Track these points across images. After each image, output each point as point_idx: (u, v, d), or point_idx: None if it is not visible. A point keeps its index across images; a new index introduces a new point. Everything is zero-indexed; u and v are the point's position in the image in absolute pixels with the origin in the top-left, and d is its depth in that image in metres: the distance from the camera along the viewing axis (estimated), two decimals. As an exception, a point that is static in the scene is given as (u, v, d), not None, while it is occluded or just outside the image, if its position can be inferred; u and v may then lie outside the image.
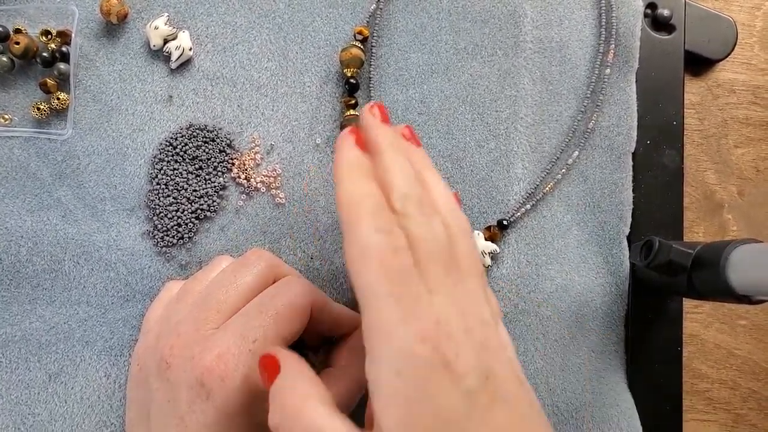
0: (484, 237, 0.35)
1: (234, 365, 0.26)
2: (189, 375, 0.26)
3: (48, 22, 0.36)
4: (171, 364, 0.27)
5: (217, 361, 0.26)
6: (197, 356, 0.26)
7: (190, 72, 0.36)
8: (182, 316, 0.28)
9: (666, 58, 0.38)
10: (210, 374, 0.25)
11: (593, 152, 0.37)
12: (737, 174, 0.41)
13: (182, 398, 0.26)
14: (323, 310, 0.29)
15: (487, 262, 0.35)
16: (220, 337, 0.26)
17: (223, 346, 0.26)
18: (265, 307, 0.27)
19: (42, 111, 0.35)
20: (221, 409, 0.25)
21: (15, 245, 0.34)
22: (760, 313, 0.40)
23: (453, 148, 0.37)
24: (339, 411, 0.22)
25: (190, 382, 0.26)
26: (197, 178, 0.35)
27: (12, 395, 0.33)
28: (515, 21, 0.38)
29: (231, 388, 0.25)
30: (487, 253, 0.35)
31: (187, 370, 0.26)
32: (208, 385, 0.25)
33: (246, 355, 0.26)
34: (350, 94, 0.36)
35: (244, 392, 0.25)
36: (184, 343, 0.27)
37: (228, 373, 0.25)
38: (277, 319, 0.27)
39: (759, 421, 0.39)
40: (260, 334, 0.26)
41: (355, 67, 0.35)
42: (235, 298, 0.28)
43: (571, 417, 0.34)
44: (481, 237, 0.35)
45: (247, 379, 0.26)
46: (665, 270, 0.31)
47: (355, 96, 0.36)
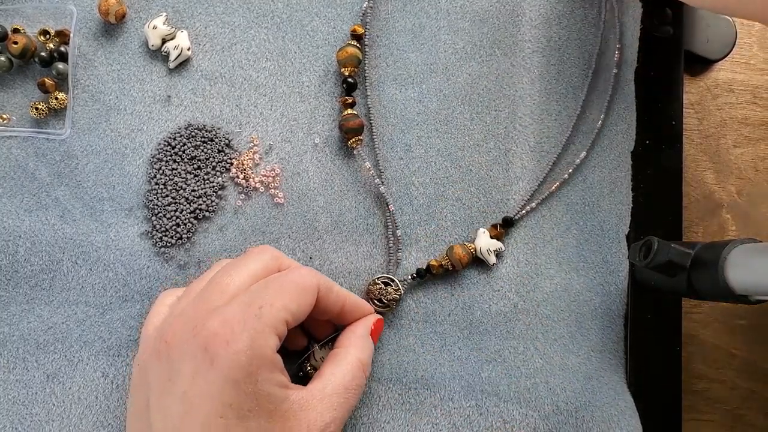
0: (489, 235, 0.35)
1: (240, 328, 0.25)
2: (191, 345, 0.25)
3: (46, 21, 0.36)
4: (171, 343, 0.26)
5: (222, 326, 0.25)
6: (200, 325, 0.25)
7: (188, 72, 0.36)
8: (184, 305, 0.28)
9: (665, 58, 0.38)
10: (214, 338, 0.25)
11: (592, 152, 0.37)
12: (736, 174, 0.41)
13: (184, 371, 0.25)
14: (330, 294, 0.29)
15: (492, 261, 0.35)
16: (226, 307, 0.26)
17: (228, 313, 0.25)
18: (271, 283, 0.27)
19: (40, 111, 0.35)
20: (227, 374, 0.24)
21: (13, 245, 0.34)
22: (759, 313, 0.40)
23: (452, 148, 0.37)
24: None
25: (192, 353, 0.25)
26: (196, 178, 0.35)
27: (10, 395, 0.33)
28: (514, 21, 0.38)
29: (236, 350, 0.24)
30: (493, 251, 0.35)
31: (189, 341, 0.25)
32: (212, 350, 0.24)
33: (252, 319, 0.25)
34: (348, 94, 0.36)
35: (249, 356, 0.25)
36: (184, 320, 0.26)
37: (234, 335, 0.25)
38: (282, 292, 0.27)
39: (758, 420, 0.39)
40: (266, 302, 0.26)
41: (352, 66, 0.35)
42: (239, 281, 0.28)
43: (571, 416, 0.34)
44: (487, 235, 0.35)
45: (253, 343, 0.25)
46: (664, 270, 0.31)
47: (353, 95, 0.36)
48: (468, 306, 0.35)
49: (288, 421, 0.26)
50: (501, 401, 0.34)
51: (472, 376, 0.34)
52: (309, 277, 0.28)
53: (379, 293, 0.34)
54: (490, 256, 0.35)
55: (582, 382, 0.35)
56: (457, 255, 0.34)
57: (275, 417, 0.25)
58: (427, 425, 0.33)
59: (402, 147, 0.36)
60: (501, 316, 0.35)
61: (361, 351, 0.30)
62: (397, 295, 0.34)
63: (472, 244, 0.35)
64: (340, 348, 0.30)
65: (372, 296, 0.34)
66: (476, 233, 0.35)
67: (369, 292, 0.34)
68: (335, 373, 0.28)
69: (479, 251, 0.35)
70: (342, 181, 0.36)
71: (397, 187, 0.36)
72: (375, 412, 0.34)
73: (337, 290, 0.30)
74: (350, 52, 0.35)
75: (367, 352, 0.30)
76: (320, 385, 0.28)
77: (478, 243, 0.35)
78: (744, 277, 0.27)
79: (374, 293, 0.34)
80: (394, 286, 0.34)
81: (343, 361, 0.29)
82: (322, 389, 0.27)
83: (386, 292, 0.34)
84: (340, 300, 0.30)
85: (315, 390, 0.27)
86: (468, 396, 0.34)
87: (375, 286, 0.34)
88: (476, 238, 0.35)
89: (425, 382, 0.34)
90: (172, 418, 0.25)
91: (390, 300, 0.34)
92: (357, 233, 0.35)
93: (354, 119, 0.35)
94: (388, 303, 0.34)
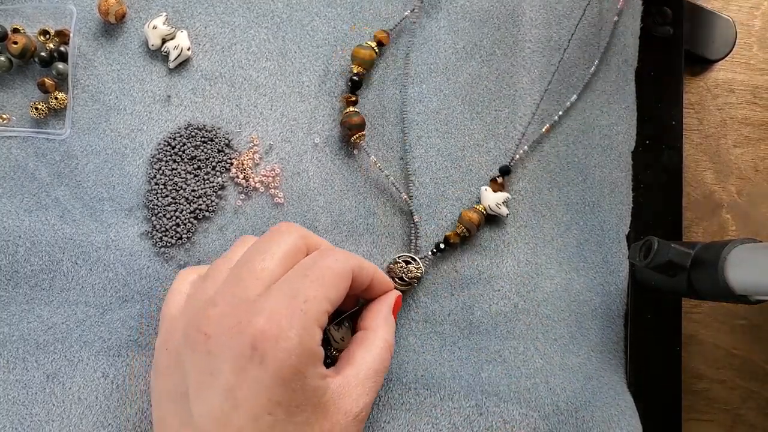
0: (492, 190, 0.35)
1: (288, 325, 0.24)
2: (236, 342, 0.24)
3: (46, 21, 0.36)
4: (210, 334, 0.25)
5: (269, 323, 0.24)
6: (244, 321, 0.25)
7: (188, 72, 0.36)
8: (215, 291, 0.27)
9: (665, 58, 0.38)
10: (263, 336, 0.24)
11: (592, 151, 0.37)
12: (736, 174, 0.41)
13: (228, 368, 0.24)
14: (361, 272, 0.29)
15: (505, 212, 0.35)
16: (268, 299, 0.25)
17: (274, 308, 0.25)
18: (310, 271, 0.27)
19: (40, 111, 0.35)
20: (277, 373, 0.24)
21: (13, 245, 0.34)
22: (759, 312, 0.40)
23: (452, 148, 0.37)
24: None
25: (238, 350, 0.24)
26: (196, 178, 0.35)
27: (10, 395, 0.33)
28: (514, 21, 0.38)
29: (286, 348, 0.24)
30: (502, 203, 0.35)
31: (234, 337, 0.25)
32: (261, 348, 0.24)
33: (299, 314, 0.25)
34: (352, 92, 0.36)
35: (299, 354, 0.24)
36: (223, 311, 0.26)
37: (282, 333, 0.24)
38: (323, 282, 0.26)
39: (758, 421, 0.39)
40: (310, 294, 0.26)
41: (363, 68, 0.36)
42: (273, 266, 0.27)
43: (571, 416, 0.34)
44: (490, 191, 0.35)
45: (302, 340, 0.25)
46: (664, 270, 0.31)
47: (357, 94, 0.36)
48: (468, 306, 0.35)
49: (329, 411, 0.26)
50: (501, 401, 0.34)
51: (472, 376, 0.34)
52: (345, 262, 0.28)
53: (400, 272, 0.34)
54: (501, 209, 0.35)
55: (582, 382, 0.35)
56: (468, 218, 0.35)
57: (319, 408, 0.26)
58: (427, 425, 0.33)
59: (402, 147, 0.36)
60: (501, 316, 0.35)
61: (388, 332, 0.30)
62: (419, 273, 0.34)
63: (479, 205, 0.35)
64: (368, 330, 0.30)
65: (393, 275, 0.34)
66: (480, 193, 0.36)
67: (390, 270, 0.34)
68: (366, 357, 0.29)
69: (489, 208, 0.35)
70: (342, 181, 0.36)
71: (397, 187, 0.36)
72: (375, 412, 0.34)
73: (366, 267, 0.30)
74: (367, 55, 0.35)
75: (392, 332, 0.31)
76: (354, 371, 0.28)
77: (485, 201, 0.35)
78: (744, 277, 0.27)
79: (395, 272, 0.34)
80: (415, 264, 0.34)
81: (373, 345, 0.29)
82: (356, 375, 0.28)
83: (408, 270, 0.34)
84: (369, 276, 0.30)
85: (350, 377, 0.28)
86: (468, 396, 0.34)
87: (396, 265, 0.34)
88: (481, 197, 0.36)
89: (425, 382, 0.34)
90: (216, 413, 0.25)
91: (412, 278, 0.34)
92: (357, 233, 0.35)
93: (356, 116, 0.35)
94: (410, 281, 0.34)
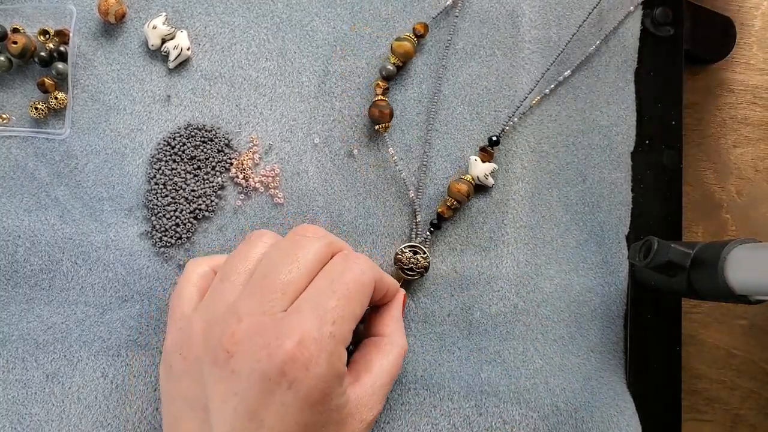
0: (481, 160, 0.35)
1: (317, 351, 0.24)
2: (264, 365, 0.24)
3: (46, 21, 0.36)
4: (234, 353, 0.25)
5: (300, 348, 0.24)
6: (273, 343, 0.24)
7: (188, 71, 0.36)
8: (236, 299, 0.26)
9: (665, 58, 0.38)
10: (293, 363, 0.24)
11: (592, 152, 0.37)
12: (736, 174, 0.41)
13: (255, 391, 0.24)
14: (381, 282, 0.29)
15: (491, 182, 0.35)
16: (296, 321, 0.25)
17: (303, 331, 0.24)
18: (337, 286, 0.26)
19: (40, 110, 0.35)
20: (305, 398, 0.24)
21: (12, 245, 0.34)
22: (758, 312, 0.40)
23: (451, 148, 0.37)
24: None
25: (266, 373, 0.24)
26: (195, 178, 0.35)
27: (9, 395, 0.33)
28: (513, 21, 0.38)
29: (316, 375, 0.24)
30: (489, 174, 0.35)
31: (262, 360, 0.24)
32: (291, 374, 0.24)
33: (327, 338, 0.25)
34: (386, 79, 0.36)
35: (327, 379, 0.24)
36: (249, 329, 0.25)
37: (312, 359, 0.24)
38: (350, 298, 0.26)
39: (758, 421, 0.39)
40: (337, 315, 0.25)
41: (400, 60, 0.36)
42: (299, 277, 0.26)
43: (570, 417, 0.34)
44: (478, 161, 0.35)
45: (331, 365, 0.25)
46: (664, 270, 0.31)
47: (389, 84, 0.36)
48: (467, 307, 0.35)
49: (346, 422, 0.26)
50: (500, 402, 0.34)
51: (471, 376, 0.34)
52: (369, 274, 0.28)
53: (408, 262, 0.34)
54: (488, 179, 0.35)
55: (581, 382, 0.35)
56: (457, 189, 0.35)
57: (339, 422, 0.26)
58: (426, 425, 0.33)
59: (402, 147, 0.36)
60: (501, 316, 0.35)
61: (402, 337, 0.31)
62: (426, 262, 0.34)
63: (467, 175, 0.35)
64: (384, 336, 0.30)
65: (402, 265, 0.34)
66: (468, 163, 0.36)
67: (397, 261, 0.34)
68: (384, 365, 0.29)
69: (476, 179, 0.35)
70: (341, 182, 0.36)
71: (397, 187, 0.36)
72: (374, 413, 0.34)
73: (385, 276, 0.30)
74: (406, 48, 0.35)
75: (404, 335, 0.31)
76: (371, 380, 0.28)
77: (473, 171, 0.35)
78: (744, 277, 0.27)
79: (403, 262, 0.34)
80: (422, 254, 0.34)
81: (390, 353, 0.29)
82: (373, 384, 0.28)
83: (416, 261, 0.34)
84: (387, 285, 0.30)
85: (367, 386, 0.28)
86: (468, 396, 0.34)
87: (403, 255, 0.34)
88: (469, 167, 0.36)
89: (425, 382, 0.34)
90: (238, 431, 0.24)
91: (420, 268, 0.34)
92: (356, 233, 0.35)
93: (387, 107, 0.35)
94: (418, 270, 0.34)
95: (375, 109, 0.35)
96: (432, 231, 0.35)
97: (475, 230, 0.36)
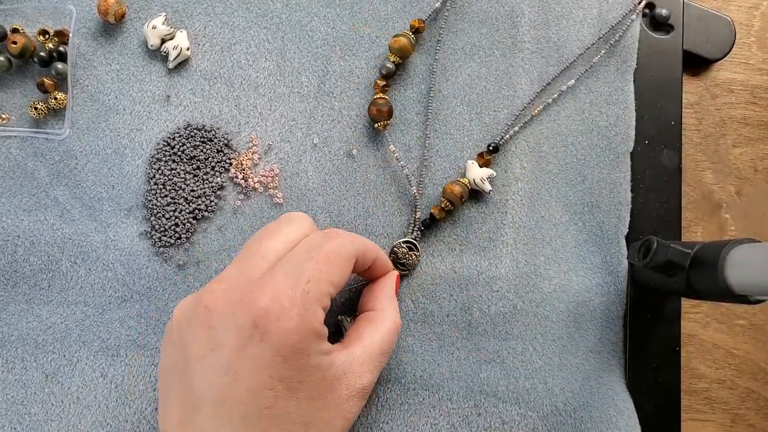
0: (478, 164, 0.35)
1: (290, 304, 0.25)
2: (239, 318, 0.25)
3: (45, 21, 0.36)
4: (213, 309, 0.26)
5: (272, 302, 0.25)
6: (248, 297, 0.25)
7: (187, 72, 0.36)
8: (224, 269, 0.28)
9: (664, 58, 0.38)
10: (266, 315, 0.24)
11: (591, 152, 0.37)
12: (735, 174, 0.41)
13: (229, 344, 0.25)
14: (365, 255, 0.30)
15: (488, 188, 0.35)
16: (271, 279, 0.26)
17: (277, 287, 0.25)
18: (314, 253, 0.27)
19: (39, 110, 0.35)
20: (276, 350, 0.24)
21: (12, 245, 0.34)
22: (758, 312, 0.40)
23: (451, 148, 0.37)
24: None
25: (240, 326, 0.25)
26: (195, 178, 0.35)
27: (8, 395, 0.33)
28: (513, 21, 0.38)
29: (287, 327, 0.25)
30: (486, 179, 0.35)
31: (236, 313, 0.25)
32: (262, 326, 0.24)
33: (301, 294, 0.25)
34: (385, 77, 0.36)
35: (299, 333, 0.25)
36: (227, 287, 0.26)
37: (284, 312, 0.25)
38: (327, 265, 0.27)
39: (757, 420, 0.39)
40: (313, 276, 0.26)
41: (398, 56, 0.36)
42: (280, 245, 0.28)
43: (570, 417, 0.34)
44: (476, 165, 0.35)
45: (303, 319, 0.25)
46: (663, 270, 0.31)
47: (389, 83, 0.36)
48: (467, 307, 0.35)
49: (332, 386, 0.26)
50: (500, 402, 0.34)
51: (470, 376, 0.34)
52: (349, 246, 0.28)
53: (404, 256, 0.35)
54: (485, 184, 0.35)
55: (581, 382, 0.35)
56: (451, 191, 0.35)
57: (322, 384, 0.26)
58: (425, 426, 0.33)
59: (401, 147, 0.36)
60: (500, 316, 0.35)
61: (395, 312, 0.31)
62: (418, 261, 0.35)
63: (464, 178, 0.35)
64: (376, 311, 0.31)
65: (396, 257, 0.35)
66: (466, 166, 0.36)
67: (393, 253, 0.35)
68: (375, 336, 0.29)
69: (473, 182, 0.35)
70: (341, 182, 0.36)
71: (396, 187, 0.36)
72: (374, 413, 0.34)
73: (370, 249, 0.30)
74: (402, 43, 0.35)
75: (398, 311, 0.31)
76: (361, 348, 0.28)
77: (470, 175, 0.35)
78: (744, 277, 0.27)
79: (399, 254, 0.35)
80: (416, 252, 0.35)
81: (381, 325, 0.30)
82: (362, 352, 0.28)
83: (410, 257, 0.35)
84: (372, 258, 0.31)
85: (356, 353, 0.28)
86: (467, 396, 0.34)
87: (399, 249, 0.35)
88: (467, 170, 0.36)
89: (424, 382, 0.34)
90: (216, 387, 0.25)
91: (410, 264, 0.35)
92: (356, 233, 0.35)
93: (386, 103, 0.35)
94: (408, 267, 0.35)
95: (374, 107, 0.35)
96: (422, 230, 0.35)
97: (474, 230, 0.36)
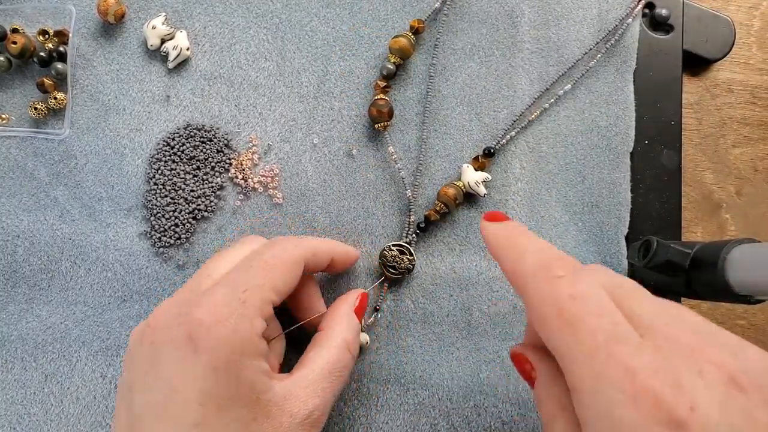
0: (473, 168, 0.35)
1: (225, 315, 0.24)
2: (174, 331, 0.24)
3: (45, 21, 0.36)
4: (155, 326, 0.25)
5: (207, 313, 0.24)
6: (184, 311, 0.25)
7: (187, 72, 0.36)
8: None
9: (664, 58, 0.38)
10: (200, 326, 0.24)
11: (591, 152, 0.37)
12: (735, 174, 0.41)
13: (167, 358, 0.24)
14: (315, 256, 0.29)
15: (483, 192, 0.35)
16: (210, 292, 0.26)
17: (214, 300, 0.25)
18: (254, 262, 0.27)
19: (39, 110, 0.35)
20: (208, 361, 0.24)
21: (11, 245, 0.34)
22: (758, 312, 0.40)
23: (450, 148, 0.37)
24: None
25: (176, 340, 0.24)
26: (195, 179, 0.35)
27: (8, 395, 0.33)
28: (513, 21, 0.38)
29: (217, 338, 0.24)
30: (481, 183, 0.35)
31: (173, 327, 0.25)
32: (196, 337, 0.24)
33: (236, 303, 0.25)
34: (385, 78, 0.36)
35: (232, 342, 0.24)
36: (169, 305, 0.26)
37: (219, 322, 0.24)
38: (267, 269, 0.26)
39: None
40: (251, 284, 0.26)
41: (398, 56, 0.36)
42: (229, 264, 0.28)
43: (570, 417, 0.34)
44: (471, 168, 0.35)
45: (237, 329, 0.24)
46: (663, 270, 0.31)
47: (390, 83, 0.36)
48: (467, 307, 0.35)
49: (270, 412, 0.25)
50: (499, 402, 0.34)
51: (470, 376, 0.34)
52: (293, 250, 0.28)
53: (393, 260, 0.34)
54: (479, 188, 0.35)
55: (581, 382, 0.35)
56: (446, 194, 0.35)
57: (257, 407, 0.25)
58: (425, 426, 0.33)
59: (401, 147, 0.36)
60: (499, 316, 0.35)
61: (346, 330, 0.29)
62: (411, 265, 0.34)
63: (459, 181, 0.35)
64: (324, 330, 0.30)
65: (386, 262, 0.34)
66: (461, 170, 0.36)
67: (382, 257, 0.34)
68: (317, 359, 0.28)
69: (467, 186, 0.35)
70: (340, 182, 0.36)
71: (396, 188, 0.36)
72: (373, 413, 0.34)
73: (321, 250, 0.30)
74: (401, 43, 0.35)
75: (351, 331, 0.30)
76: (304, 372, 0.27)
77: (465, 178, 0.35)
78: (744, 277, 0.27)
79: (387, 259, 0.34)
80: (408, 255, 0.34)
81: (326, 343, 0.28)
82: (305, 376, 0.27)
83: (401, 260, 0.34)
84: (326, 258, 0.30)
85: (299, 378, 0.26)
86: (467, 397, 0.34)
87: (389, 252, 0.34)
88: (462, 174, 0.36)
89: (424, 382, 0.34)
90: (153, 404, 0.24)
91: (402, 269, 0.34)
92: (355, 233, 0.35)
93: (386, 105, 0.35)
94: (401, 271, 0.34)
95: (374, 108, 0.35)
96: (418, 233, 0.35)
97: (474, 231, 0.36)
